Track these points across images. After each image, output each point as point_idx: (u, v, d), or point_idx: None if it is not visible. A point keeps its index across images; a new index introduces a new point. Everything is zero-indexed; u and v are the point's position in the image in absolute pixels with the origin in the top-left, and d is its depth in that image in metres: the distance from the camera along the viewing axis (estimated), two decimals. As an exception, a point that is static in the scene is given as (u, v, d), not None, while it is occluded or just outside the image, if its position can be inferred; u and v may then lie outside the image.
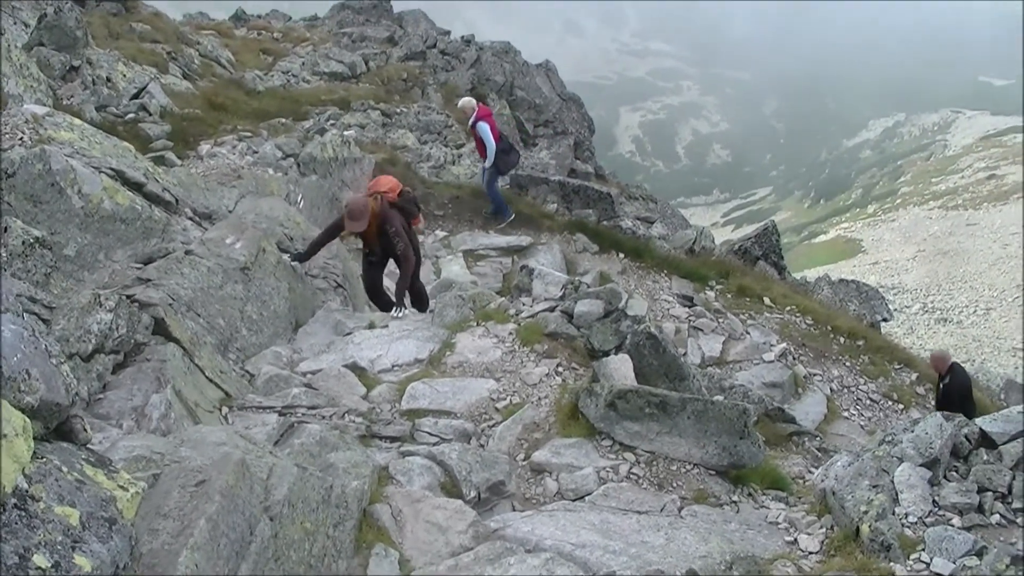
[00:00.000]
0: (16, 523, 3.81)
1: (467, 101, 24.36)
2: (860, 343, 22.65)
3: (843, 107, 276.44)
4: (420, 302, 17.18)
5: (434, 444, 10.88)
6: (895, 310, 71.22)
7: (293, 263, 15.28)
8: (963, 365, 19.71)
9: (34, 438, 4.21)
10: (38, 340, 4.66)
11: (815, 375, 20.62)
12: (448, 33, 55.35)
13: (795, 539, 9.73)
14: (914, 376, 21.83)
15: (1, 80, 12.27)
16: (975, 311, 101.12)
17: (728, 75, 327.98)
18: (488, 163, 24.02)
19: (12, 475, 3.91)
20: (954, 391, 18.40)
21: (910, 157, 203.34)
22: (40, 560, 3.74)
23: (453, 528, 8.64)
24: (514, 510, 10.09)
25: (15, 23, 25.52)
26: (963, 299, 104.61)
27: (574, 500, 10.21)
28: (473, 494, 9.88)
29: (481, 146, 24.16)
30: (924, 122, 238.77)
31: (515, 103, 50.60)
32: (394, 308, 16.05)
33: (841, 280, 32.85)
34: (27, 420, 4.11)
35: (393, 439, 11.03)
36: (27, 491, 4.00)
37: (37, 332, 4.74)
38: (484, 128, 23.74)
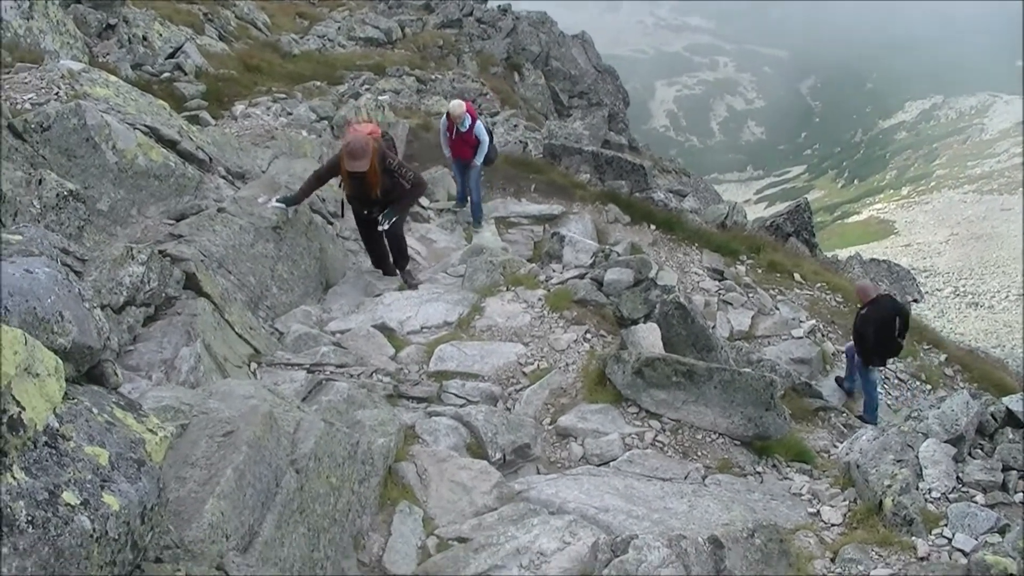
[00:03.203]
0: (46, 460, 3.84)
1: (459, 104, 21.59)
2: (890, 322, 22.58)
3: (880, 88, 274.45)
4: (399, 255, 16.13)
5: (461, 406, 10.93)
6: (926, 293, 70.91)
7: (278, 205, 14.38)
8: (898, 300, 19.57)
9: (66, 380, 4.24)
10: (71, 284, 4.68)
11: (843, 352, 20.56)
12: (485, 1, 55.28)
13: (818, 511, 9.74)
14: (943, 357, 21.75)
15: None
16: (1007, 296, 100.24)
17: (765, 52, 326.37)
18: (480, 160, 21.72)
19: (43, 414, 3.94)
20: (868, 322, 18.27)
21: (946, 140, 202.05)
22: (70, 497, 3.78)
23: (477, 488, 8.68)
24: (539, 473, 10.13)
25: (54, -21, 25.59)
26: (995, 284, 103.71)
27: (599, 465, 10.25)
28: (498, 456, 9.91)
29: (462, 145, 21.83)
30: (961, 105, 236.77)
31: (550, 73, 50.64)
32: (384, 221, 15.04)
33: (873, 260, 32.76)
34: (59, 361, 4.14)
35: (420, 399, 11.09)
36: (58, 430, 4.03)
37: (71, 276, 4.77)
38: (481, 127, 21.81)
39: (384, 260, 16.26)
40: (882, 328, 18.04)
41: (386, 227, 15.04)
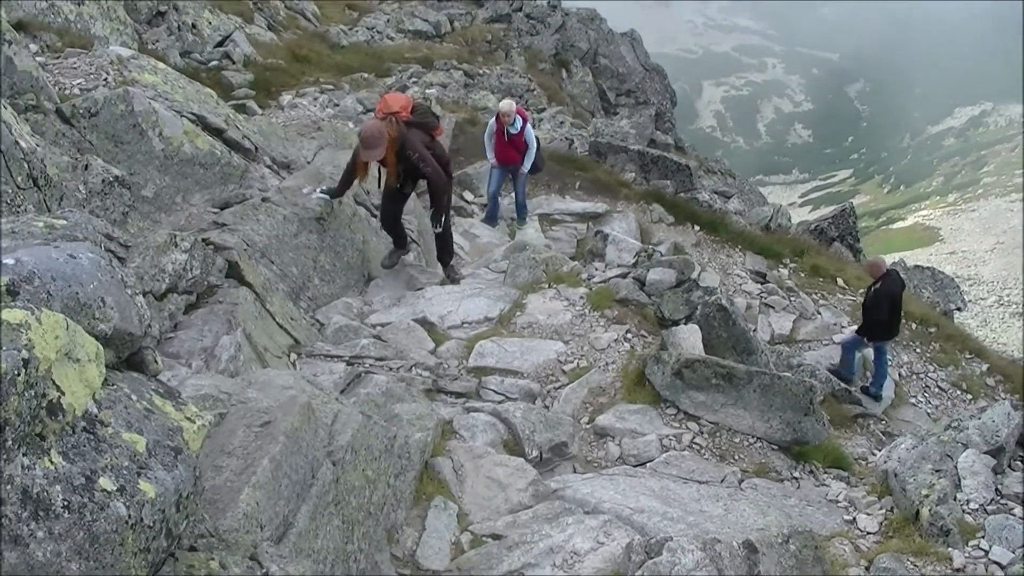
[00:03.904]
0: (84, 445, 3.86)
1: (509, 103, 20.68)
2: (932, 330, 22.42)
3: (929, 93, 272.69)
4: (444, 250, 15.86)
5: (499, 402, 10.95)
6: (970, 301, 70.37)
7: (322, 196, 14.34)
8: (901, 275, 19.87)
9: (106, 366, 4.26)
10: (114, 270, 4.70)
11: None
12: (534, -3, 55.19)
13: (854, 518, 9.72)
14: (984, 367, 21.58)
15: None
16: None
17: (814, 55, 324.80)
18: (528, 166, 20.81)
19: (83, 399, 3.96)
20: (882, 296, 18.45)
21: (994, 147, 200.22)
22: (106, 483, 3.79)
23: (513, 485, 8.69)
24: (575, 472, 10.14)
25: (106, -34, 25.77)
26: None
27: (635, 466, 10.25)
28: (535, 453, 9.92)
29: (510, 149, 20.78)
30: (1011, 112, 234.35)
31: (598, 71, 50.62)
32: (436, 225, 15.03)
33: (917, 266, 32.57)
34: (100, 347, 4.16)
35: (459, 395, 11.12)
36: (96, 416, 4.04)
37: (114, 262, 4.79)
38: (531, 130, 20.85)
39: (395, 225, 15.67)
40: (895, 302, 18.25)
41: (439, 230, 15.05)
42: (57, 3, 20.70)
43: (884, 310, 18.10)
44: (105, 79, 14.45)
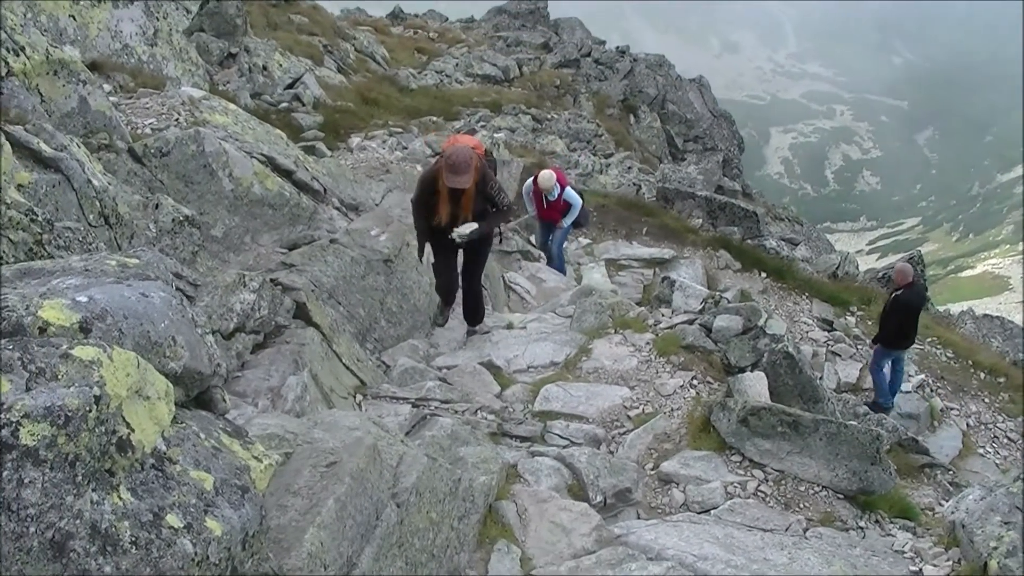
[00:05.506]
0: (153, 482, 3.88)
1: (548, 176, 20.56)
2: (1001, 380, 22.19)
3: (1000, 140, 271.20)
4: (474, 314, 14.97)
5: (564, 447, 10.89)
6: (1040, 351, 69.61)
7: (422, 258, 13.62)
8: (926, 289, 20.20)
9: (175, 404, 4.29)
10: (185, 309, 4.74)
11: (952, 409, 20.28)
12: (603, 43, 55.53)
13: (920, 569, 9.59)
14: (1056, 418, 21.38)
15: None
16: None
17: (884, 102, 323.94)
18: (568, 221, 21.04)
19: (152, 436, 3.99)
20: (901, 304, 18.89)
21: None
22: (173, 520, 3.81)
23: (577, 530, 8.64)
24: (639, 518, 10.07)
25: (177, 8, 26.10)
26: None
27: (699, 513, 10.16)
28: (599, 499, 9.87)
29: (550, 211, 21.12)
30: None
31: (666, 116, 50.71)
32: (501, 241, 14.78)
33: (985, 315, 32.24)
34: (169, 385, 4.19)
35: (523, 439, 11.06)
36: (165, 453, 4.07)
37: (184, 302, 4.83)
38: (571, 192, 21.01)
39: (454, 290, 14.79)
40: (910, 312, 18.89)
41: (496, 243, 15.03)
42: (130, 44, 20.97)
43: (899, 319, 18.26)
44: (177, 119, 14.60)
